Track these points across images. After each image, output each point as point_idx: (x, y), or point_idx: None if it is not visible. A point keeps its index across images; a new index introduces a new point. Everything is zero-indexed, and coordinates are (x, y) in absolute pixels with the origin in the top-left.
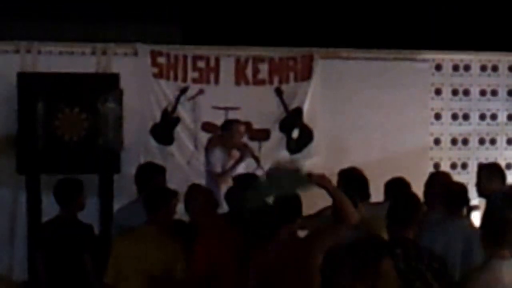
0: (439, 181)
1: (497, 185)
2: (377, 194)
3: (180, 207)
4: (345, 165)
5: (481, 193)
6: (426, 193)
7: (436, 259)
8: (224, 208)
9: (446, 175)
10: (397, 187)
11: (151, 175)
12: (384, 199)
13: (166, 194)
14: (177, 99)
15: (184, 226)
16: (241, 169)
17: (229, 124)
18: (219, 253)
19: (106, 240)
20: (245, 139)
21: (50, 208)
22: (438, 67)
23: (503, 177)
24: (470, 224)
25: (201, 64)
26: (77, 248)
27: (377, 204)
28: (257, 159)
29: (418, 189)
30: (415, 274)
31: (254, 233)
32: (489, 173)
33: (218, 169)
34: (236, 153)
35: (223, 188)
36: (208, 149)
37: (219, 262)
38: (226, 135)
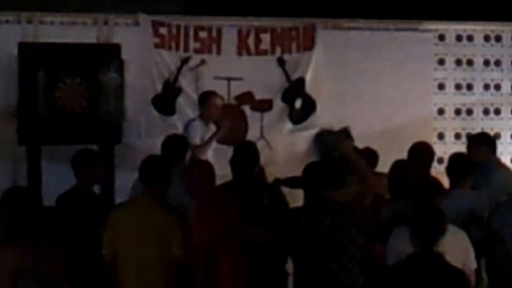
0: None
1: (485, 155)
2: (381, 164)
3: None
4: None
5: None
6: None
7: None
8: None
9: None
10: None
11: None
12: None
13: (161, 164)
14: (179, 70)
15: None
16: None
17: (205, 97)
18: (218, 228)
19: (108, 210)
20: (247, 109)
21: (50, 179)
22: (441, 37)
23: (493, 146)
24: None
25: (203, 34)
26: (91, 221)
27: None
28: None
29: None
30: (341, 230)
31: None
32: (477, 143)
33: (196, 141)
34: (213, 127)
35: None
36: (187, 122)
37: (218, 237)
38: (202, 108)
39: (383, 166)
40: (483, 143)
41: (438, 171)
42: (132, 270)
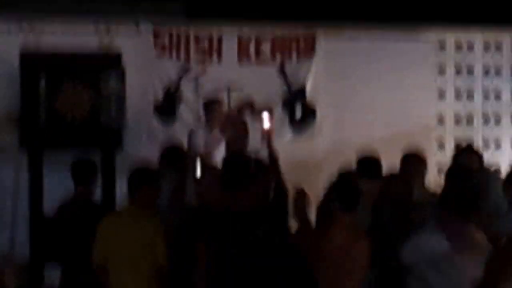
0: None
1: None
2: None
3: None
4: (348, 144)
5: None
6: None
7: None
8: None
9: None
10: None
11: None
12: None
13: (147, 174)
14: (180, 78)
15: None
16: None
17: (210, 105)
18: None
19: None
20: (247, 117)
21: (51, 185)
22: (441, 46)
23: (479, 157)
24: None
25: (203, 43)
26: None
27: None
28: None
29: None
30: None
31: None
32: (465, 154)
33: (201, 149)
34: (217, 134)
35: None
36: (190, 132)
37: None
38: (207, 115)
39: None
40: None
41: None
42: (122, 277)
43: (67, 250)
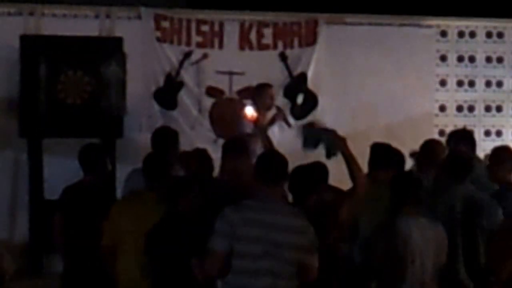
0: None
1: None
2: None
3: None
4: (350, 131)
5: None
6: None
7: None
8: None
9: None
10: None
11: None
12: None
13: (163, 161)
14: (181, 64)
15: None
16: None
17: (260, 88)
18: None
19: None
20: (248, 103)
21: (51, 172)
22: (443, 34)
23: (472, 143)
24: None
25: (205, 28)
26: (97, 215)
27: None
28: (287, 122)
29: None
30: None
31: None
32: (457, 139)
33: (249, 130)
34: (268, 115)
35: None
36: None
37: None
38: (257, 98)
39: None
40: (462, 140)
41: None
42: (131, 262)
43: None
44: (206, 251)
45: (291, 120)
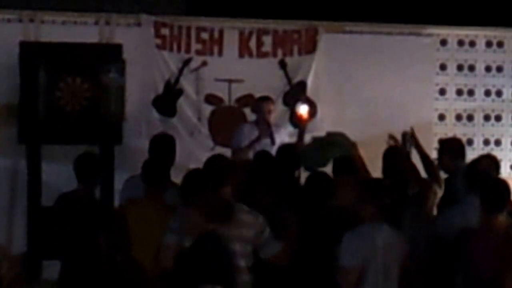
0: None
1: (457, 160)
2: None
3: None
4: None
5: (442, 168)
6: None
7: None
8: None
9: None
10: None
11: None
12: None
13: (165, 168)
14: (180, 71)
15: None
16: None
17: (262, 102)
18: None
19: (107, 211)
20: (247, 111)
21: (50, 178)
22: (443, 42)
23: (462, 153)
24: None
25: (204, 35)
26: (91, 227)
27: None
28: (272, 139)
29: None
30: None
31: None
32: (449, 148)
33: (243, 144)
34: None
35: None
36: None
37: None
38: (258, 111)
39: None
40: (449, 150)
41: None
42: None
43: (65, 243)
44: None
45: (290, 128)
